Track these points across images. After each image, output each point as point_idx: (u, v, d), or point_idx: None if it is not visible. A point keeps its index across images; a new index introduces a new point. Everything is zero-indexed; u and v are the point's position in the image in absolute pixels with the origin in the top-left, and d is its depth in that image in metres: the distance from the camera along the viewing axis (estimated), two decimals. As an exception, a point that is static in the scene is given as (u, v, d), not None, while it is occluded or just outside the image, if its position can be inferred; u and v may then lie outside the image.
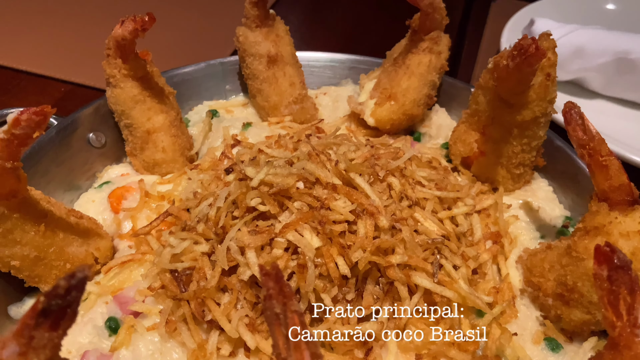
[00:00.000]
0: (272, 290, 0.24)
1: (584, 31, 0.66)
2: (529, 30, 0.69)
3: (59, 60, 0.69)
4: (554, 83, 0.44)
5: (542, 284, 0.41)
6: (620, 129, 0.63)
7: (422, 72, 0.53)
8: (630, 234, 0.35)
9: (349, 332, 0.35)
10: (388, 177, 0.42)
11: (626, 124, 0.66)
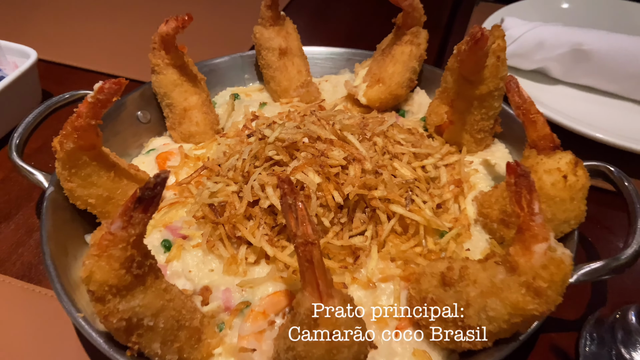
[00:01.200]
0: (287, 190, 0.36)
1: (545, 27, 0.77)
2: (503, 27, 0.81)
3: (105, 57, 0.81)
4: (504, 64, 0.56)
5: (490, 214, 0.52)
6: (580, 110, 0.74)
7: (405, 60, 0.65)
8: (551, 171, 0.47)
9: (342, 244, 0.47)
10: (374, 137, 0.54)
11: (585, 106, 0.77)
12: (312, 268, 0.34)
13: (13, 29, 0.91)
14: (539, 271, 0.36)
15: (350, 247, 0.47)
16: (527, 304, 0.36)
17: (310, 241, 0.34)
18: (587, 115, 0.72)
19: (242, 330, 0.43)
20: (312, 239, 0.34)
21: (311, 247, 0.34)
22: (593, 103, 0.77)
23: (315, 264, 0.34)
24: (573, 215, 0.47)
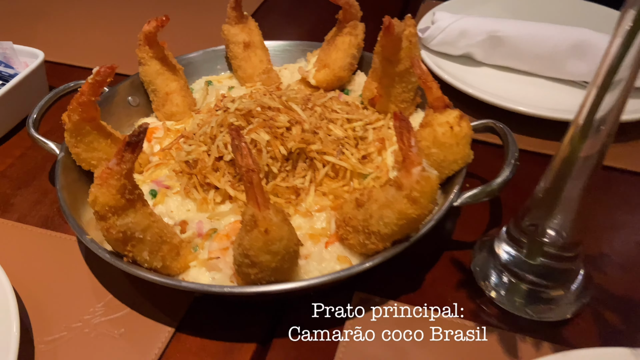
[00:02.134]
0: (234, 135, 0.51)
1: (467, 18, 0.92)
2: (432, 19, 0.96)
3: (101, 56, 0.95)
4: (416, 46, 0.70)
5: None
6: (502, 87, 0.88)
7: (345, 48, 0.80)
8: (442, 123, 0.61)
9: (287, 185, 0.61)
10: (315, 107, 0.69)
11: (506, 84, 0.91)
12: (253, 188, 0.49)
13: (25, 36, 1.07)
14: (414, 186, 0.50)
15: (293, 188, 0.62)
16: (408, 209, 0.51)
17: (251, 169, 0.49)
18: (504, 91, 0.86)
19: (210, 248, 0.58)
20: (252, 167, 0.49)
21: (252, 173, 0.49)
22: (510, 81, 0.91)
23: (254, 185, 0.49)
24: (460, 157, 0.61)
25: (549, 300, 0.57)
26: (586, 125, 0.47)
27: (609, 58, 0.43)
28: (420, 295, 0.60)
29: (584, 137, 0.48)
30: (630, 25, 0.41)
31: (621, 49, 0.42)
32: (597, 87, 0.45)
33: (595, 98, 0.45)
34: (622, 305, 0.59)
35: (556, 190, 0.52)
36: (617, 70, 0.43)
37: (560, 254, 0.56)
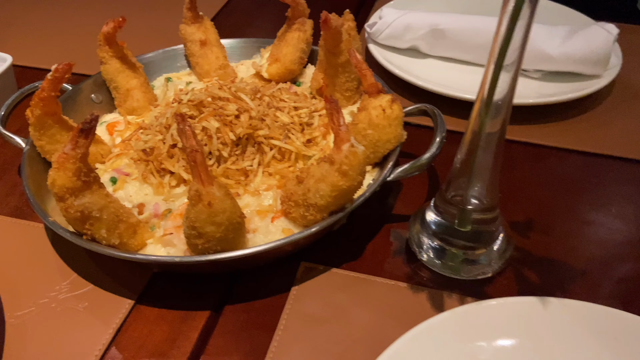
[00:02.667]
0: (179, 119, 0.56)
1: (411, 14, 0.98)
2: (379, 15, 1.02)
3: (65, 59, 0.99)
4: (355, 39, 0.77)
5: None
6: (446, 77, 0.95)
7: (295, 43, 0.86)
8: (375, 107, 0.66)
9: (237, 168, 0.67)
10: (263, 97, 0.74)
11: (449, 73, 0.97)
12: (197, 167, 0.54)
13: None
14: (344, 160, 0.56)
15: (243, 170, 0.67)
16: (339, 182, 0.57)
17: (195, 149, 0.54)
18: (448, 80, 0.93)
19: (165, 226, 0.63)
20: (195, 147, 0.54)
21: (195, 153, 0.54)
22: (453, 70, 0.98)
23: (198, 164, 0.54)
24: (393, 136, 0.67)
25: (474, 261, 0.64)
26: (488, 101, 0.53)
27: (499, 38, 0.50)
28: (361, 263, 0.66)
29: (487, 112, 0.54)
30: (513, 6, 0.48)
31: (508, 28, 0.49)
32: (493, 65, 0.51)
33: (492, 75, 0.52)
34: (540, 264, 0.65)
35: (469, 161, 0.58)
36: (507, 50, 0.50)
37: (482, 217, 0.63)
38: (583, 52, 0.88)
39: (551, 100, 0.85)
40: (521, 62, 0.51)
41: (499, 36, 0.50)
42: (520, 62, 0.51)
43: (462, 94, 0.87)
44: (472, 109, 0.56)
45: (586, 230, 0.70)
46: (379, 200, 0.74)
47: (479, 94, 0.54)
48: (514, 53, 0.50)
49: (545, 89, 0.91)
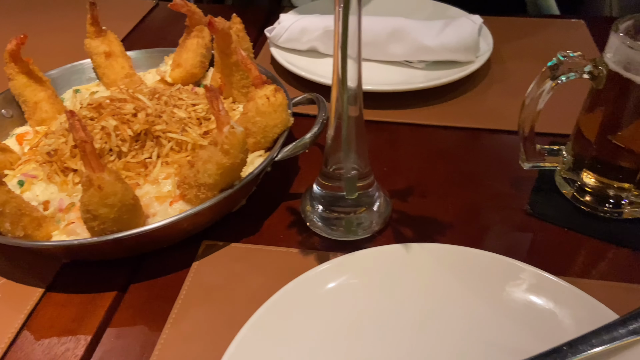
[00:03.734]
0: (69, 116, 0.62)
1: (306, 17, 1.08)
2: (278, 21, 1.11)
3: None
4: (244, 39, 0.85)
5: None
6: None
7: (194, 48, 0.93)
8: (261, 96, 0.74)
9: (136, 161, 0.73)
10: (162, 97, 0.81)
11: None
12: (87, 156, 0.60)
13: None
14: (224, 140, 0.63)
15: (142, 162, 0.73)
16: (222, 160, 0.63)
17: (84, 140, 0.60)
18: None
19: (69, 218, 0.68)
20: (84, 139, 0.60)
21: (84, 144, 0.60)
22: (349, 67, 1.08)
23: (88, 153, 0.60)
24: (279, 121, 0.75)
25: (357, 224, 0.72)
26: (342, 83, 0.62)
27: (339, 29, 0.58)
28: (259, 237, 0.73)
29: (343, 91, 0.63)
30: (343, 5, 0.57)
31: (343, 20, 0.57)
32: (340, 53, 0.60)
33: (342, 62, 0.60)
34: (416, 221, 0.74)
35: (337, 136, 0.66)
36: (347, 39, 0.59)
37: (362, 184, 0.71)
38: (455, 41, 0.99)
39: (425, 85, 0.96)
40: (360, 52, 0.59)
41: (338, 31, 0.58)
42: (360, 52, 0.59)
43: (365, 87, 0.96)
44: (331, 94, 0.64)
45: (457, 190, 0.80)
46: (278, 182, 0.82)
47: (333, 77, 0.62)
48: (354, 45, 0.59)
49: (429, 76, 1.02)
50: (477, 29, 0.99)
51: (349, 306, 0.58)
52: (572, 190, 0.74)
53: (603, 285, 0.64)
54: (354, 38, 0.59)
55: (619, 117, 0.65)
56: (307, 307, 0.58)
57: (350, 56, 0.60)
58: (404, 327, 0.57)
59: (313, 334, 0.56)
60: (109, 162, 0.72)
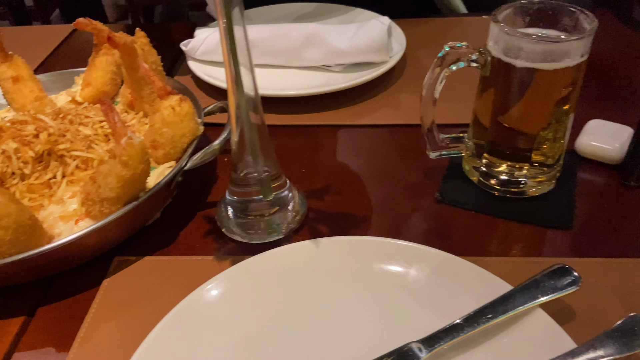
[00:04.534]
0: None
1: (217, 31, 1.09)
2: (194, 34, 1.12)
3: None
4: (149, 53, 0.85)
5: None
6: (263, 81, 1.06)
7: (104, 66, 0.92)
8: (166, 107, 0.75)
9: (40, 182, 0.71)
10: (67, 116, 0.80)
11: (266, 78, 1.08)
12: (-22, 178, 0.58)
13: None
14: (122, 152, 0.63)
15: (47, 183, 0.72)
16: (121, 172, 0.63)
17: (-27, 162, 0.58)
18: (265, 84, 1.03)
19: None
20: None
21: (-26, 165, 0.58)
22: (269, 75, 1.09)
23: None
24: (187, 131, 0.75)
25: (273, 226, 0.72)
26: (238, 90, 0.62)
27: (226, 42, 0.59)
28: (174, 248, 0.72)
29: (241, 96, 0.63)
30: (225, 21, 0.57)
31: (228, 33, 0.58)
32: (231, 64, 0.61)
33: (235, 72, 0.61)
34: (332, 218, 0.75)
35: (241, 142, 0.67)
36: (235, 50, 0.59)
37: (275, 185, 0.72)
38: (366, 43, 1.02)
39: (339, 87, 0.98)
40: (251, 61, 0.60)
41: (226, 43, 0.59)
42: (251, 61, 0.60)
43: (271, 92, 0.98)
44: (229, 102, 0.64)
45: (373, 185, 0.81)
46: (195, 192, 0.81)
47: (228, 89, 0.63)
48: (244, 54, 0.60)
49: (346, 78, 1.04)
50: (386, 29, 1.02)
51: (252, 309, 0.59)
52: (478, 175, 0.77)
53: (506, 261, 0.66)
54: (243, 48, 0.60)
55: (506, 100, 0.68)
56: (210, 316, 0.57)
57: (242, 65, 0.61)
58: (310, 320, 0.57)
59: (219, 340, 0.56)
60: (12, 185, 0.70)
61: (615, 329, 0.50)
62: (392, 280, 0.60)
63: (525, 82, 0.66)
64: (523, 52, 0.64)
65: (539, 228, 0.71)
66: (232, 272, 0.61)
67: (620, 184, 0.77)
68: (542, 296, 0.54)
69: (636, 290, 0.61)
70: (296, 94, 0.98)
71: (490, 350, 0.53)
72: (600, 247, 0.68)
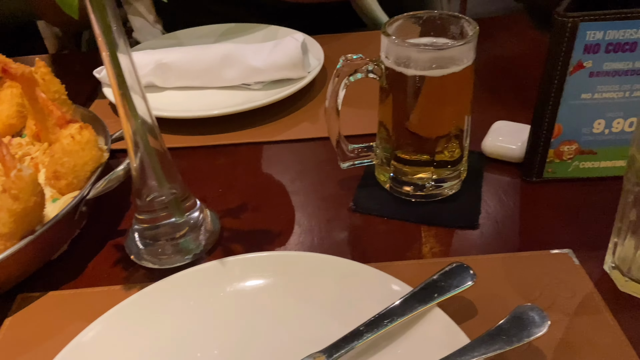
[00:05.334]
0: None
1: (137, 54, 1.08)
2: (109, 62, 1.10)
3: None
4: (53, 82, 0.83)
5: (47, 175, 0.78)
6: (184, 104, 1.05)
7: (9, 99, 0.89)
8: (66, 136, 0.73)
9: None
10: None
11: (186, 100, 1.07)
12: None
13: None
14: (12, 185, 0.60)
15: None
16: (12, 206, 0.61)
17: None
18: (185, 106, 1.03)
19: None
20: None
21: None
22: (189, 97, 1.08)
23: None
24: (89, 159, 0.73)
25: (184, 249, 0.71)
26: (132, 116, 0.62)
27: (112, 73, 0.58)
28: (82, 280, 0.70)
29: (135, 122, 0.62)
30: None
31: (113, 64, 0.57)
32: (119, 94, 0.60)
33: (126, 101, 0.60)
34: (247, 236, 0.75)
35: (142, 167, 0.66)
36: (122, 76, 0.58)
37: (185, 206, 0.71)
38: (282, 60, 1.04)
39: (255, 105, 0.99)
40: (142, 87, 0.60)
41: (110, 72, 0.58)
42: (141, 87, 0.60)
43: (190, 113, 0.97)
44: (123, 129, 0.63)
45: (289, 199, 0.82)
46: (105, 221, 0.79)
47: (121, 116, 0.62)
48: (134, 82, 0.59)
49: (266, 96, 1.04)
50: (299, 45, 1.04)
51: (155, 333, 0.57)
52: (389, 181, 0.78)
53: (415, 264, 0.68)
54: (131, 75, 0.59)
55: (403, 108, 0.71)
56: (108, 345, 0.56)
57: (133, 91, 0.60)
58: (213, 339, 0.57)
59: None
60: None
61: (506, 321, 0.52)
62: (297, 293, 0.60)
63: (418, 89, 0.68)
64: (412, 62, 0.66)
65: (448, 229, 0.73)
66: (133, 299, 0.59)
67: (523, 181, 0.80)
68: (439, 295, 0.55)
69: (534, 282, 0.63)
70: (213, 114, 0.97)
71: (391, 354, 0.53)
72: (504, 243, 0.70)
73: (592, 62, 0.68)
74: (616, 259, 0.61)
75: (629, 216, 0.58)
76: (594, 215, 0.73)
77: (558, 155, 0.76)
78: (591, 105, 0.72)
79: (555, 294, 0.61)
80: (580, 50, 0.67)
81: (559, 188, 0.78)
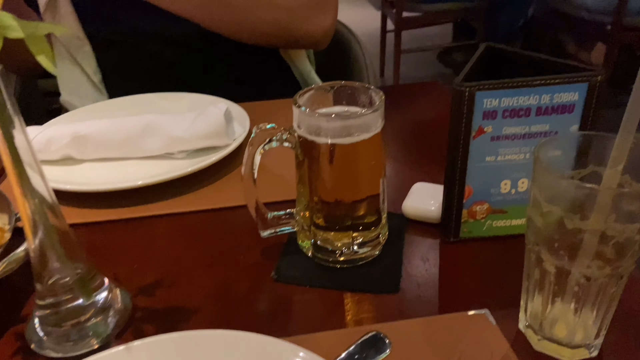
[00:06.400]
0: None
1: (52, 127, 1.05)
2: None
3: None
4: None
5: None
6: (104, 175, 1.02)
7: None
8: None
9: None
10: None
11: (105, 171, 1.04)
12: None
13: None
14: None
15: None
16: None
17: None
18: (107, 177, 1.00)
19: None
20: None
21: None
22: (109, 168, 1.05)
23: None
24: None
25: (90, 333, 0.66)
26: (27, 194, 0.58)
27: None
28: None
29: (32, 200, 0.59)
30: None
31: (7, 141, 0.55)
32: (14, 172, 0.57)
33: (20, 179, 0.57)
34: (162, 315, 0.71)
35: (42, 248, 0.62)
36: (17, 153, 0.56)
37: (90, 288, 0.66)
38: (205, 129, 1.04)
39: (178, 174, 0.97)
40: (39, 164, 0.58)
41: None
42: (39, 164, 0.58)
43: (104, 186, 0.94)
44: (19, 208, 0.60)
45: (208, 272, 0.79)
46: (7, 307, 0.73)
47: (16, 196, 0.59)
48: (29, 158, 0.57)
49: (191, 164, 1.03)
50: (222, 114, 1.04)
51: None
52: (311, 248, 0.77)
53: (336, 334, 0.66)
54: (27, 152, 0.57)
55: (318, 175, 0.71)
56: None
57: (31, 168, 0.58)
58: None
59: None
60: None
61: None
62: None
63: (330, 157, 0.69)
64: (322, 130, 0.68)
65: (370, 294, 0.73)
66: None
67: (442, 241, 0.82)
68: (355, 368, 0.54)
69: (453, 345, 0.62)
70: (128, 186, 0.94)
71: None
72: (424, 306, 0.70)
73: (492, 127, 0.72)
74: (528, 317, 0.63)
75: (533, 274, 0.59)
76: (508, 273, 0.74)
77: (472, 215, 0.79)
78: (496, 167, 0.75)
79: (474, 356, 0.61)
80: (480, 116, 0.71)
81: (476, 247, 0.80)
